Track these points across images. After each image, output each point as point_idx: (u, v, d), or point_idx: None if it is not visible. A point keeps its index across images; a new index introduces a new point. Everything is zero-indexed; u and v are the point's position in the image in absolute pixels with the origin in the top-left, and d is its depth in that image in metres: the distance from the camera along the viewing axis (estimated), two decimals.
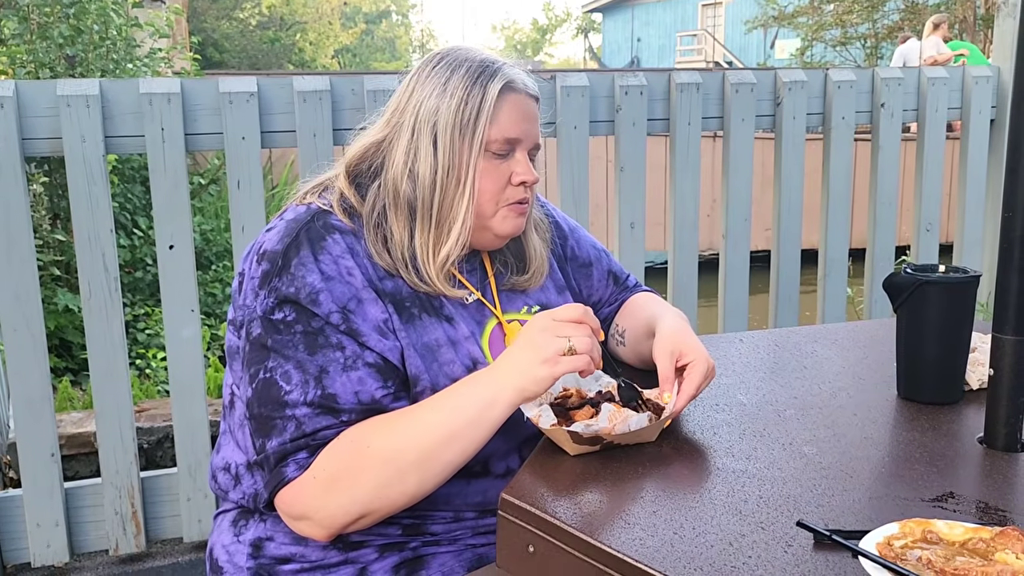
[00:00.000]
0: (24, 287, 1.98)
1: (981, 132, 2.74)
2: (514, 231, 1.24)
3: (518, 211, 1.23)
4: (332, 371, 1.09)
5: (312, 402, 1.08)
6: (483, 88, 1.18)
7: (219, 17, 17.83)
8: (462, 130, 1.17)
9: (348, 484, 1.06)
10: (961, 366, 1.26)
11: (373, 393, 1.10)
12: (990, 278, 2.52)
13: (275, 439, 1.09)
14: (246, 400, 1.14)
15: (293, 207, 1.22)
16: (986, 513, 0.94)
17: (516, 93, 1.20)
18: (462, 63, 1.20)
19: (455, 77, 1.18)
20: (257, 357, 1.12)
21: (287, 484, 1.08)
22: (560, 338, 1.06)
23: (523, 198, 1.22)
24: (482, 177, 1.19)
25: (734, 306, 2.56)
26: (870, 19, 16.46)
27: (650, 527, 0.91)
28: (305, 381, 1.09)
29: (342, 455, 1.07)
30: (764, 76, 2.53)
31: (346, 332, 1.11)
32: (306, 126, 2.12)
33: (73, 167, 1.98)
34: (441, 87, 1.18)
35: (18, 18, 4.57)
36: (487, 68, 1.19)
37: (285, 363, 1.09)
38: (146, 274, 4.86)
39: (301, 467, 1.08)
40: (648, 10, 28.08)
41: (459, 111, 1.17)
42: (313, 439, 1.08)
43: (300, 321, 1.10)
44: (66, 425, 2.56)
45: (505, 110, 1.19)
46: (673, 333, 1.21)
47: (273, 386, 1.09)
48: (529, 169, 1.21)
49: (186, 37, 9.16)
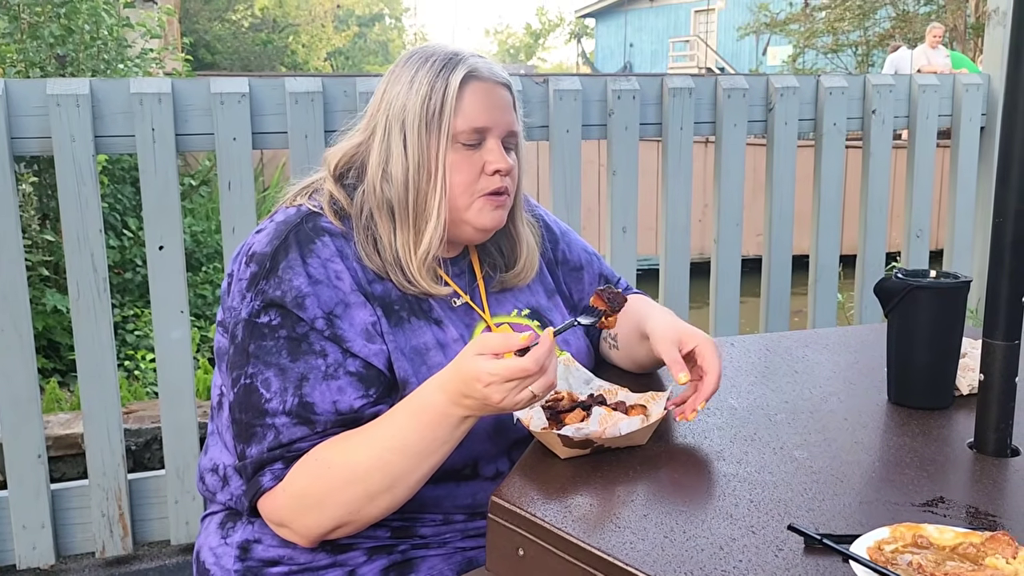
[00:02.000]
0: (12, 287, 1.97)
1: (971, 139, 2.75)
2: (493, 224, 1.22)
3: (495, 203, 1.20)
4: (312, 379, 1.09)
5: (290, 411, 1.08)
6: (446, 80, 1.17)
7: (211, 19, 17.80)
8: (428, 124, 1.16)
9: (315, 503, 1.08)
10: (951, 371, 1.26)
11: (352, 403, 1.10)
12: (980, 284, 2.53)
13: (254, 447, 1.10)
14: (230, 403, 1.13)
15: (283, 209, 1.21)
16: (976, 518, 0.94)
17: (481, 81, 1.18)
18: (428, 58, 1.19)
19: (420, 72, 1.18)
20: (240, 361, 1.12)
21: (264, 494, 1.10)
22: (523, 394, 1.01)
23: (499, 188, 1.19)
24: (453, 170, 1.17)
25: (725, 311, 2.56)
26: (861, 27, 16.56)
27: (640, 530, 0.91)
28: (284, 389, 1.09)
29: (307, 475, 1.08)
30: (756, 82, 2.54)
31: (330, 338, 1.10)
32: (298, 128, 2.11)
33: (63, 167, 1.97)
34: (408, 84, 1.18)
35: (8, 17, 4.55)
36: (451, 60, 1.18)
37: (266, 369, 1.10)
38: (136, 275, 4.83)
39: (276, 477, 1.09)
40: (641, 16, 28.18)
41: (424, 105, 1.16)
42: (288, 450, 1.09)
43: (285, 326, 1.10)
44: (53, 426, 2.54)
45: (469, 99, 1.17)
46: (668, 326, 1.22)
47: (254, 392, 1.10)
48: (502, 156, 1.19)
49: (178, 38, 9.14)
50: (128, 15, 5.30)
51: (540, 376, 1.00)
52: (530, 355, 0.99)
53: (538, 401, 1.04)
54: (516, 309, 1.29)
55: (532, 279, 1.34)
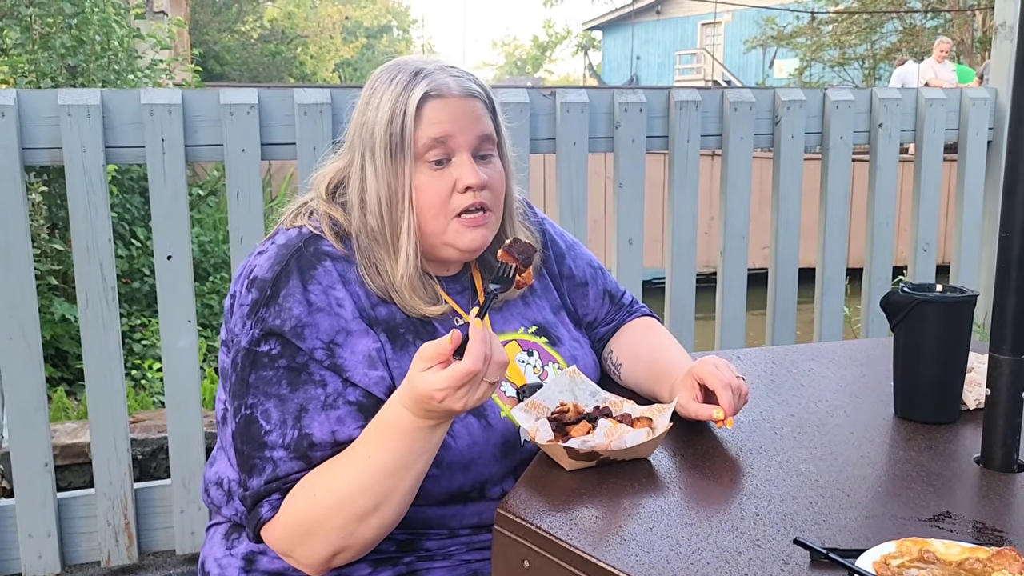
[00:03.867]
0: (21, 296, 1.98)
1: (978, 153, 2.75)
2: (474, 245, 1.17)
3: (470, 222, 1.16)
4: (312, 409, 1.09)
5: (288, 444, 1.09)
6: (405, 101, 1.13)
7: (221, 30, 17.91)
8: (392, 149, 1.14)
9: (306, 532, 1.08)
10: (958, 386, 1.26)
11: (351, 433, 1.10)
12: (987, 298, 2.53)
13: (254, 478, 1.10)
14: (231, 432, 1.14)
15: (284, 231, 1.19)
16: (983, 533, 0.93)
17: (442, 99, 1.14)
18: (392, 78, 1.16)
19: (385, 94, 1.15)
20: (240, 391, 1.12)
21: (264, 525, 1.10)
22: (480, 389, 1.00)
23: (471, 204, 1.15)
24: (421, 193, 1.14)
25: (731, 323, 2.56)
26: (868, 40, 16.59)
27: (646, 543, 0.90)
28: (284, 421, 1.09)
29: (296, 505, 1.08)
30: (763, 95, 2.54)
31: (330, 368, 1.10)
32: (306, 139, 2.12)
33: (73, 177, 1.98)
34: (376, 107, 1.16)
35: (20, 28, 4.59)
36: (412, 79, 1.14)
37: (266, 400, 1.10)
38: (143, 284, 4.85)
39: (274, 508, 1.10)
40: (648, 28, 28.25)
41: (387, 129, 1.14)
42: (285, 482, 1.09)
43: (284, 355, 1.10)
44: (60, 435, 2.55)
45: (428, 115, 1.13)
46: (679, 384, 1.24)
47: (254, 424, 1.10)
48: (472, 171, 1.14)
49: (187, 49, 9.20)
50: (139, 26, 5.34)
51: (488, 365, 0.99)
52: (467, 355, 0.97)
53: (499, 387, 1.02)
54: (523, 326, 1.29)
55: (538, 297, 1.33)
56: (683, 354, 1.35)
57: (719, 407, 1.16)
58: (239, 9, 18.90)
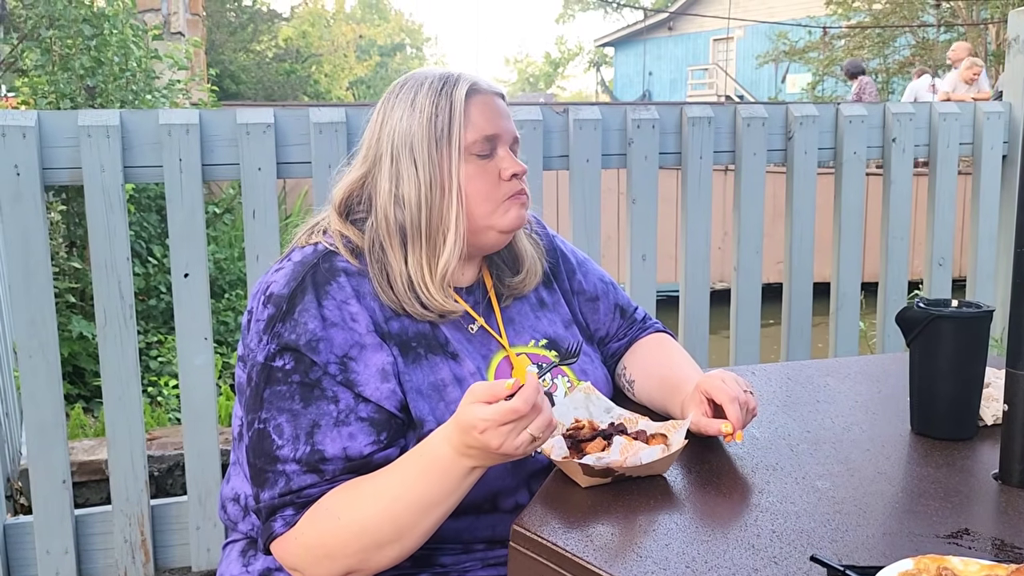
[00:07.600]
0: (41, 314, 2.00)
1: (993, 167, 2.74)
2: (517, 223, 1.25)
3: (520, 201, 1.24)
4: (324, 425, 1.10)
5: (300, 459, 1.10)
6: (449, 97, 1.20)
7: (236, 49, 18.08)
8: (438, 142, 1.19)
9: (325, 554, 1.08)
10: (975, 401, 1.25)
11: (362, 449, 1.11)
12: (1003, 313, 2.51)
13: (267, 492, 1.11)
14: (246, 446, 1.15)
15: (299, 249, 1.22)
16: (1002, 550, 0.93)
17: (482, 94, 1.23)
18: (423, 82, 1.22)
19: (420, 95, 1.21)
20: (254, 406, 1.13)
21: (276, 539, 1.11)
22: (522, 436, 1.01)
23: (520, 189, 1.24)
24: (471, 181, 1.20)
25: (746, 339, 2.55)
26: (881, 54, 16.56)
27: (662, 560, 0.90)
28: (296, 436, 1.10)
29: (317, 527, 1.09)
30: (775, 110, 2.54)
31: (343, 383, 1.12)
32: (321, 157, 2.14)
33: (92, 196, 2.01)
34: (409, 108, 1.21)
35: (40, 49, 4.66)
36: (448, 79, 1.22)
37: (279, 415, 1.11)
38: (160, 302, 4.89)
39: (288, 523, 1.10)
40: (660, 44, 28.33)
41: (431, 124, 1.19)
42: (299, 496, 1.10)
43: (298, 371, 1.12)
44: (78, 452, 2.57)
45: (475, 111, 1.21)
46: (688, 400, 1.25)
47: (266, 438, 1.11)
48: (515, 161, 1.24)
49: (204, 69, 9.30)
50: (156, 47, 5.41)
51: (535, 416, 1.01)
52: (518, 396, 1.00)
53: (540, 444, 1.04)
54: (533, 340, 1.30)
55: (550, 311, 1.34)
56: (696, 370, 1.35)
57: (727, 421, 1.16)
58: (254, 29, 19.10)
